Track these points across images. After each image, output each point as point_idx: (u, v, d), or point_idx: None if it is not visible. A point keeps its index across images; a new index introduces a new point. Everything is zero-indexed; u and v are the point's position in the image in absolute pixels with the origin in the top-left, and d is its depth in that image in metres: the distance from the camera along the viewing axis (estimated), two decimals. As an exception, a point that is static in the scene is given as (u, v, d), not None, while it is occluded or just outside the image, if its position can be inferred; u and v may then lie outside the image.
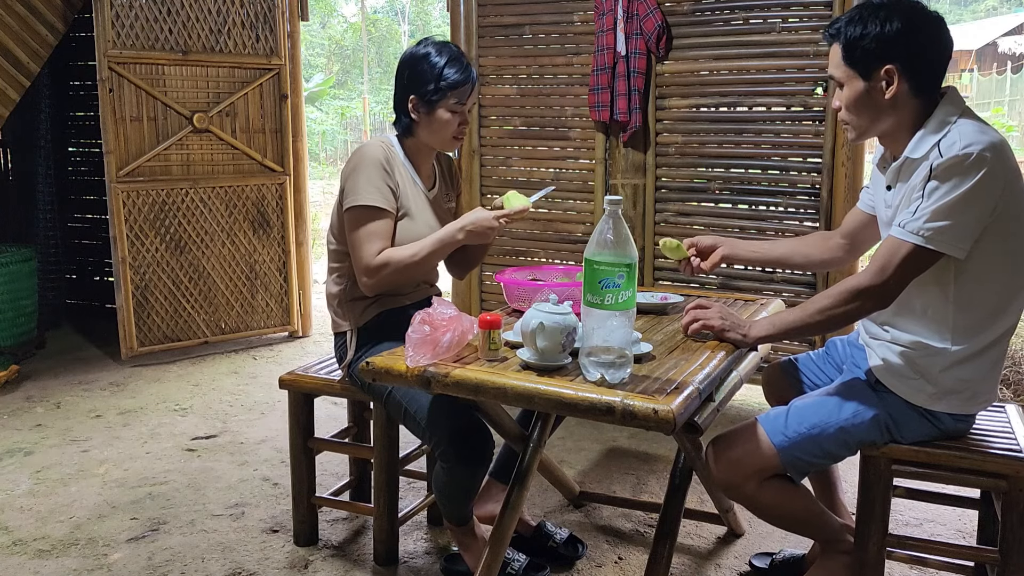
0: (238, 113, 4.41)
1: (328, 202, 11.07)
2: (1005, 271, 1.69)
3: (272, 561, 2.32)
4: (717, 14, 3.28)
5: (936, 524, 2.54)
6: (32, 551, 2.39)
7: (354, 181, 2.05)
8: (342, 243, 2.14)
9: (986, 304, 1.70)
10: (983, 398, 1.76)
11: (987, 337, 1.71)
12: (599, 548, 2.38)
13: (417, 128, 2.13)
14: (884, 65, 1.67)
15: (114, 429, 3.36)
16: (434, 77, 2.05)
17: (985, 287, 1.68)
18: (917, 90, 1.69)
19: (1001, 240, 1.65)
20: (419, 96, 2.08)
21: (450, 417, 1.94)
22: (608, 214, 1.55)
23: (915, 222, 1.62)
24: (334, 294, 2.19)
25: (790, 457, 1.78)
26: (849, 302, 1.69)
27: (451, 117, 2.08)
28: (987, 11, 25.58)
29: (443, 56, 2.07)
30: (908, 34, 1.66)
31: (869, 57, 1.68)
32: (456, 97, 2.07)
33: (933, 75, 1.70)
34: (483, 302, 3.91)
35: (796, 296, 3.27)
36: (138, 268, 4.17)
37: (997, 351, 1.74)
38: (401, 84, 2.12)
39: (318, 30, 24.94)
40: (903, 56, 1.66)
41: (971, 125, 1.65)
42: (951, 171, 1.59)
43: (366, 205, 2.02)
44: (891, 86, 1.68)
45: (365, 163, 2.05)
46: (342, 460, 2.90)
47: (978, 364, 1.72)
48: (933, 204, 1.60)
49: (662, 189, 3.49)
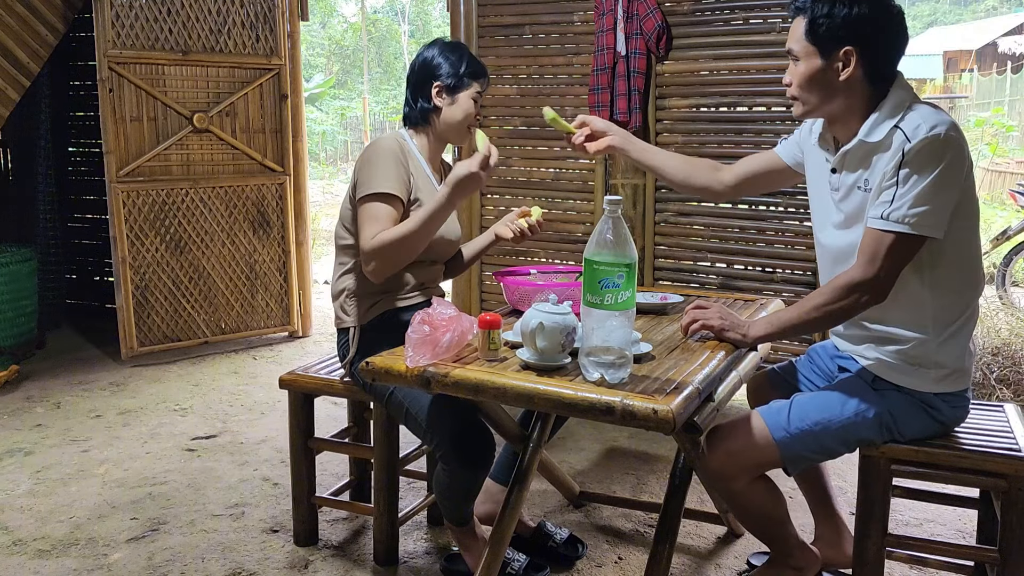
0: (238, 113, 4.41)
1: (328, 202, 11.08)
2: (968, 246, 1.73)
3: (272, 561, 2.32)
4: (717, 14, 3.28)
5: (936, 524, 2.54)
6: (32, 551, 2.39)
7: (368, 172, 2.04)
8: (351, 237, 2.14)
9: (956, 281, 1.74)
10: (968, 371, 1.79)
11: (960, 311, 1.75)
12: (599, 548, 2.38)
13: (437, 116, 2.16)
14: (843, 47, 1.69)
15: (114, 429, 3.36)
16: (459, 65, 2.13)
17: (954, 265, 1.72)
18: (872, 76, 1.71)
19: (964, 217, 1.69)
20: (443, 83, 2.13)
21: (451, 419, 1.94)
22: (608, 214, 1.55)
23: (897, 211, 1.63)
24: (341, 289, 2.18)
25: (791, 452, 1.78)
26: (844, 297, 1.69)
27: (471, 105, 2.15)
28: (987, 11, 25.60)
29: (457, 52, 2.17)
30: (872, 20, 1.68)
31: (830, 36, 1.69)
32: (479, 87, 2.15)
33: (889, 63, 1.72)
34: (483, 302, 3.91)
35: (796, 296, 3.26)
36: (138, 268, 4.17)
37: (971, 323, 1.78)
38: (423, 75, 2.15)
39: (318, 30, 24.94)
40: (864, 41, 1.68)
41: (927, 108, 1.68)
42: (924, 155, 1.61)
43: (378, 192, 2.00)
44: (847, 68, 1.70)
45: (380, 154, 2.05)
46: (342, 460, 2.90)
47: (959, 340, 1.75)
48: (912, 190, 1.62)
49: (662, 189, 3.49)
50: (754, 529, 1.99)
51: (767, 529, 1.94)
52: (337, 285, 2.20)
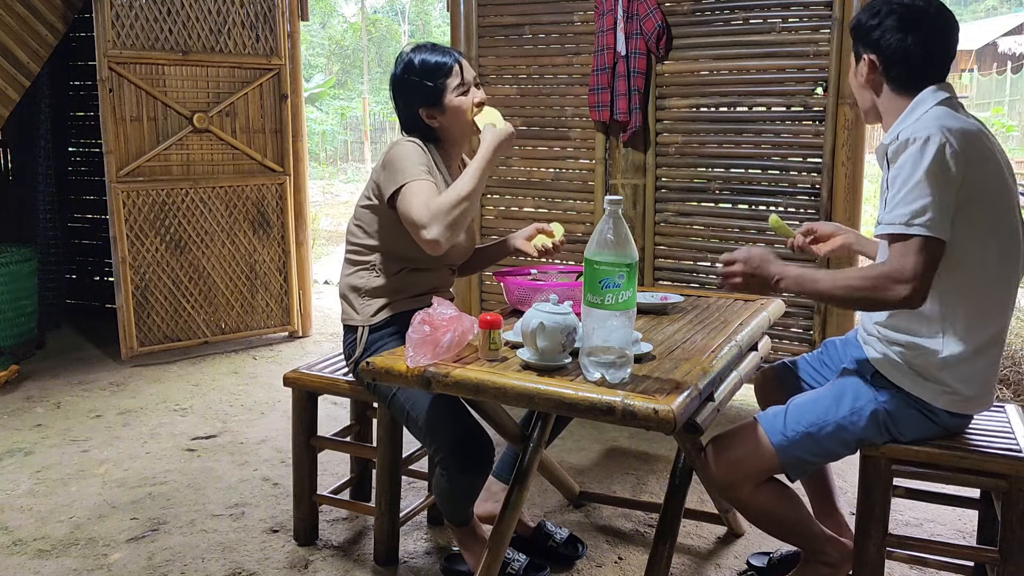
0: (238, 113, 4.41)
1: (328, 202, 11.07)
2: (988, 262, 1.68)
3: (272, 561, 2.32)
4: (717, 14, 3.28)
5: (936, 524, 2.54)
6: (32, 551, 2.39)
7: (397, 166, 1.99)
8: (370, 235, 2.12)
9: (973, 298, 1.69)
10: (979, 401, 1.76)
11: (979, 336, 1.70)
12: (599, 548, 2.38)
13: (442, 131, 2.12)
14: (865, 53, 1.79)
15: (114, 429, 3.36)
16: (424, 77, 2.06)
17: (969, 277, 1.67)
18: (897, 83, 1.76)
19: (973, 227, 1.64)
20: (425, 104, 2.08)
21: (451, 425, 1.93)
22: (608, 214, 1.55)
23: (890, 214, 1.62)
24: (352, 287, 2.16)
25: (789, 456, 1.78)
26: (876, 289, 1.62)
27: (463, 98, 2.08)
28: (987, 11, 25.59)
29: (418, 55, 2.09)
30: (894, 32, 1.73)
31: (856, 42, 1.82)
32: (455, 79, 2.07)
33: (910, 74, 1.75)
34: (483, 302, 3.91)
35: (796, 295, 3.26)
36: (138, 268, 4.17)
37: (990, 355, 1.74)
38: (404, 107, 2.12)
39: (318, 30, 24.95)
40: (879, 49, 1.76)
41: (940, 111, 1.68)
42: (900, 155, 1.63)
43: (419, 179, 1.96)
44: (868, 73, 1.79)
45: (405, 152, 2.01)
46: (341, 460, 2.90)
47: (972, 367, 1.71)
48: (898, 191, 1.61)
49: (662, 189, 3.49)
50: (776, 534, 1.97)
51: (788, 531, 1.93)
52: (347, 282, 2.18)
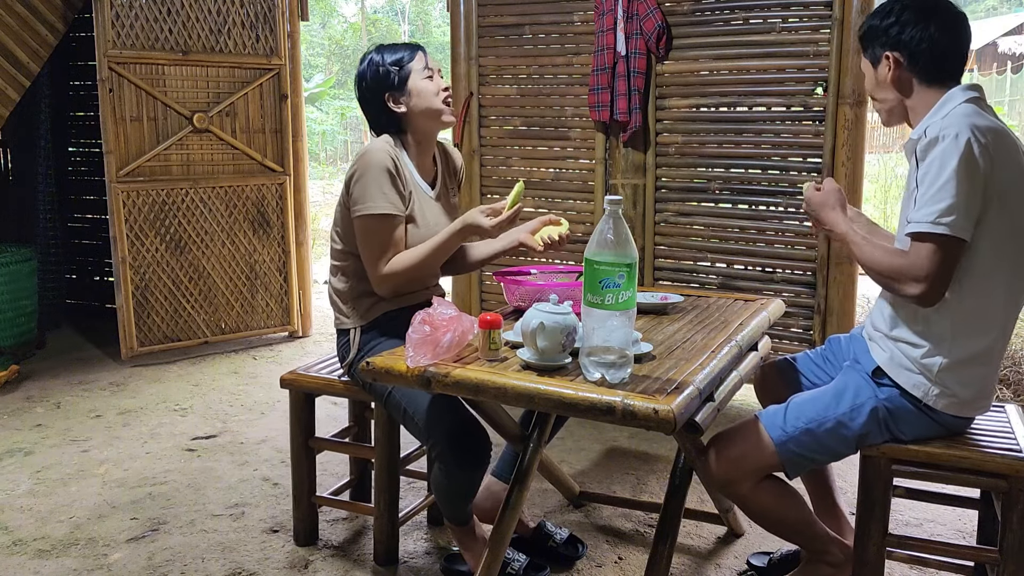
0: (238, 113, 4.41)
1: (328, 202, 11.06)
2: (999, 269, 1.68)
3: (272, 561, 2.32)
4: (717, 14, 3.28)
5: (936, 524, 2.54)
6: (32, 551, 2.39)
7: (362, 188, 2.03)
8: (346, 243, 2.15)
9: (980, 303, 1.69)
10: (977, 405, 1.77)
11: (982, 342, 1.71)
12: (599, 548, 2.38)
13: (408, 116, 2.14)
14: (886, 53, 1.78)
15: (114, 429, 3.36)
16: (390, 64, 2.12)
17: (979, 283, 1.68)
18: (926, 75, 1.75)
19: (991, 232, 1.65)
20: (390, 88, 2.12)
21: (448, 420, 1.93)
22: (608, 214, 1.55)
23: (917, 212, 1.62)
24: (338, 291, 2.19)
25: (787, 452, 1.78)
26: (893, 279, 1.67)
27: (428, 82, 2.13)
28: (987, 11, 25.58)
29: (382, 49, 2.16)
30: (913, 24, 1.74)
31: (871, 46, 1.81)
32: (419, 63, 2.13)
33: (937, 63, 1.74)
34: (483, 302, 3.91)
35: (796, 296, 3.27)
36: (138, 268, 4.17)
37: (991, 361, 1.74)
38: (372, 98, 2.15)
39: (318, 30, 24.93)
40: (901, 44, 1.76)
41: (968, 108, 1.68)
42: (929, 152, 1.62)
43: (377, 214, 2.02)
44: (891, 71, 1.78)
45: (373, 170, 2.03)
46: (341, 460, 2.90)
47: (973, 372, 1.72)
48: (927, 190, 1.61)
49: (662, 189, 3.49)
50: (778, 533, 1.96)
51: (791, 531, 1.93)
52: (334, 286, 2.21)
